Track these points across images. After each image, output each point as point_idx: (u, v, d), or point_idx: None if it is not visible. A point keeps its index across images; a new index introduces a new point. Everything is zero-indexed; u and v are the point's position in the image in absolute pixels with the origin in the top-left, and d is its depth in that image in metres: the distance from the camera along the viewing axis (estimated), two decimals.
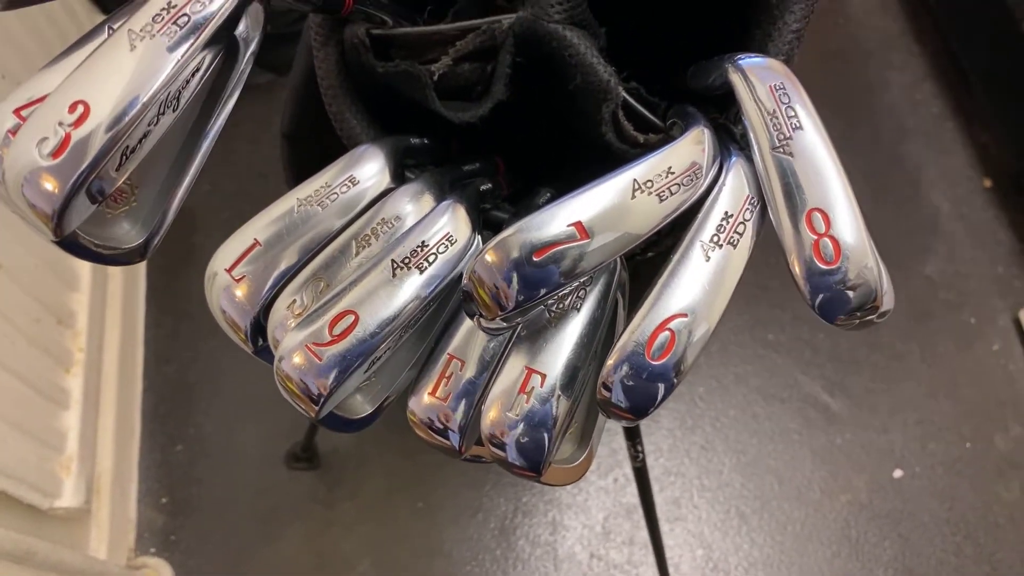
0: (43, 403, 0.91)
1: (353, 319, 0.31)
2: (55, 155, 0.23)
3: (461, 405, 0.34)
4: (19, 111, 0.25)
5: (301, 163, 0.54)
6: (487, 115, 0.37)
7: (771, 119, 0.28)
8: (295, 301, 0.34)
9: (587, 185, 0.28)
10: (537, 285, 0.27)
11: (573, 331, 0.32)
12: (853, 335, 1.13)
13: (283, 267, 0.33)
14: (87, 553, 0.94)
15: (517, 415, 0.31)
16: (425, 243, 0.32)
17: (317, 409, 0.31)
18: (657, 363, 0.28)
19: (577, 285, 0.32)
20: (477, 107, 0.38)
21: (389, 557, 1.04)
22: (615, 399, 0.29)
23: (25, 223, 0.24)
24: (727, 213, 0.29)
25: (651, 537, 0.84)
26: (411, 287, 0.32)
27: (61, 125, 0.23)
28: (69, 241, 0.25)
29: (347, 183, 0.34)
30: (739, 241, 0.28)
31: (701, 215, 0.29)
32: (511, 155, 0.44)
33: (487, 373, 0.34)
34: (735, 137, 0.32)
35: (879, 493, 1.05)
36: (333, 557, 1.04)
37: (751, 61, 0.30)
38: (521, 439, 0.31)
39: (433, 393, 0.34)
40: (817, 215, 0.27)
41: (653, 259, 0.40)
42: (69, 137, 0.23)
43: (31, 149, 0.23)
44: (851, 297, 0.27)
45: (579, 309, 0.32)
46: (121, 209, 0.27)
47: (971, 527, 1.03)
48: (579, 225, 0.27)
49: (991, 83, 1.25)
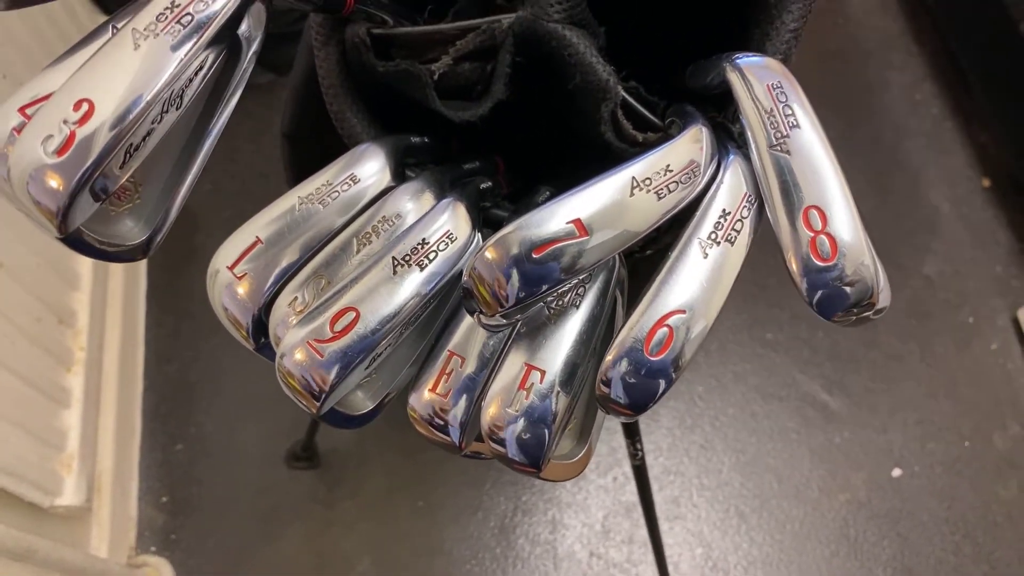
0: (44, 402, 0.92)
1: (354, 316, 0.31)
2: (60, 153, 0.23)
3: (461, 401, 0.34)
4: (24, 109, 0.25)
5: (302, 163, 0.54)
6: (487, 114, 0.38)
7: (768, 117, 0.28)
8: (297, 298, 0.34)
9: (586, 183, 0.28)
10: (537, 282, 0.28)
11: (572, 328, 0.32)
12: (852, 334, 1.14)
13: (284, 264, 0.33)
14: (88, 551, 0.95)
15: (517, 411, 0.31)
16: (426, 240, 0.33)
17: (318, 405, 0.32)
18: (655, 359, 0.28)
19: (576, 282, 0.32)
20: (477, 106, 0.38)
21: (389, 556, 1.04)
22: (614, 395, 0.29)
23: (30, 220, 0.25)
24: (725, 211, 0.29)
25: (650, 536, 0.84)
26: (412, 284, 0.32)
27: (66, 123, 0.23)
28: (73, 238, 0.25)
29: (348, 181, 0.34)
30: (737, 238, 0.29)
31: (699, 212, 0.29)
32: (511, 154, 0.44)
33: (487, 369, 0.34)
34: (733, 136, 0.32)
35: (878, 492, 1.05)
36: (333, 556, 1.04)
37: (749, 60, 0.30)
38: (521, 435, 0.31)
39: (433, 389, 0.34)
40: (814, 212, 0.27)
41: (652, 257, 0.41)
42: (74, 135, 0.23)
43: (36, 147, 0.23)
44: (848, 294, 0.27)
45: (578, 306, 0.33)
46: (125, 206, 0.28)
47: (970, 526, 1.03)
48: (578, 222, 0.27)
49: (990, 83, 1.25)
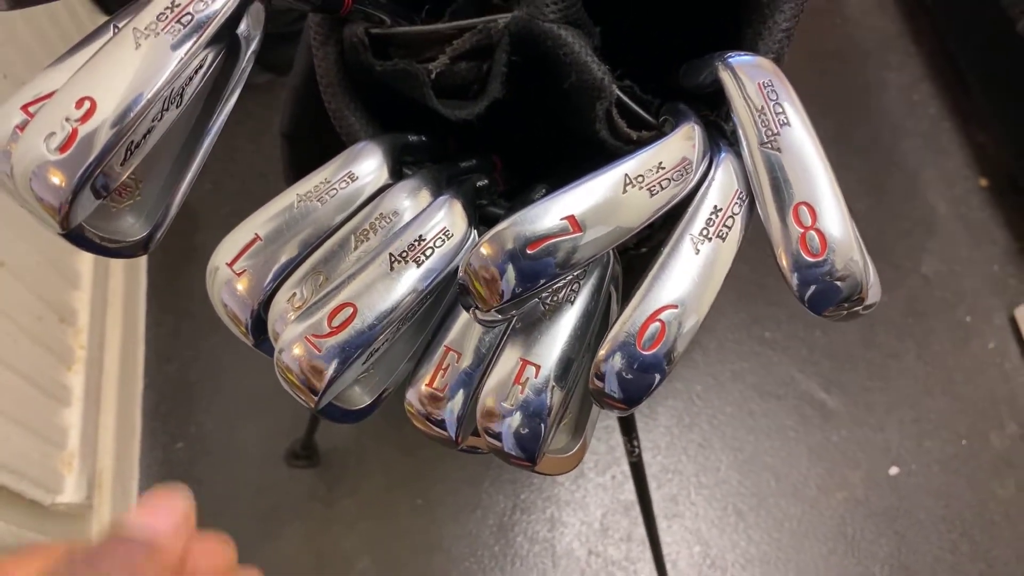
0: (45, 400, 0.92)
1: (352, 311, 0.32)
2: (62, 150, 0.23)
3: (457, 396, 0.34)
4: (27, 107, 0.25)
5: (301, 162, 0.55)
6: (483, 113, 0.38)
7: (759, 116, 0.29)
8: (295, 294, 0.35)
9: (580, 180, 0.29)
10: (531, 277, 0.28)
11: (567, 323, 0.33)
12: (850, 333, 1.14)
13: (283, 261, 0.34)
14: None
15: (512, 405, 0.32)
16: (422, 237, 0.33)
17: (316, 399, 0.32)
18: (648, 353, 0.28)
19: (571, 278, 0.33)
20: (474, 105, 0.38)
21: (389, 554, 1.05)
22: (608, 389, 0.30)
23: (33, 216, 0.25)
24: (716, 207, 0.29)
25: (648, 533, 0.84)
26: (408, 280, 0.32)
27: (68, 121, 0.24)
28: (75, 234, 0.26)
29: (346, 179, 0.35)
30: (728, 235, 0.29)
31: (691, 209, 0.30)
32: (508, 152, 0.45)
33: (483, 364, 0.34)
34: (725, 134, 0.32)
35: (875, 490, 1.06)
36: (333, 554, 1.04)
37: (741, 59, 0.31)
38: (516, 429, 0.32)
39: (430, 384, 0.35)
40: (804, 209, 0.28)
41: (646, 254, 0.41)
42: (76, 132, 0.24)
43: (39, 144, 0.23)
44: (837, 289, 0.28)
45: (573, 302, 0.33)
46: (126, 203, 0.28)
47: (967, 524, 1.04)
48: (572, 219, 0.28)
49: (988, 83, 1.26)
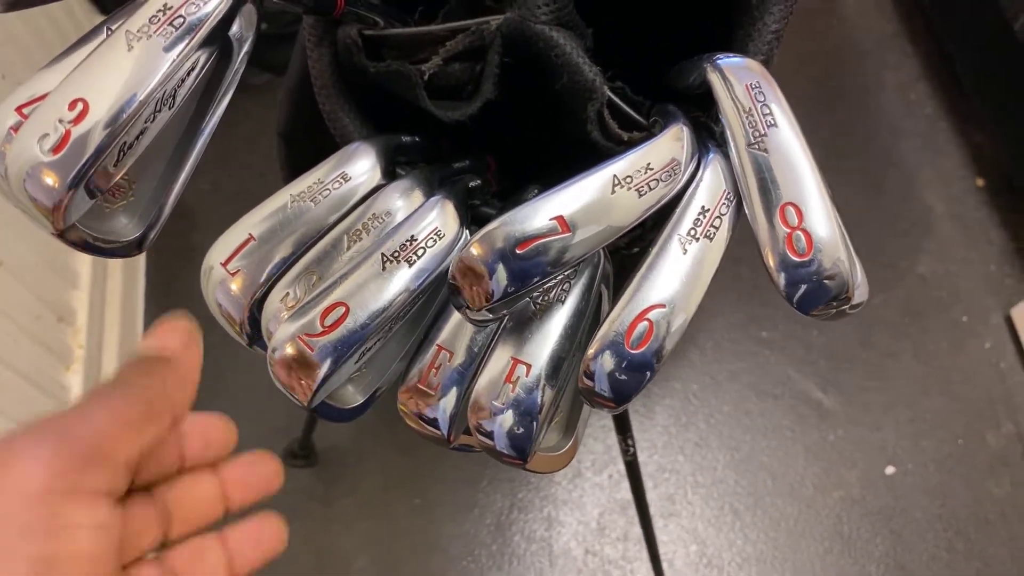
0: (43, 399, 0.92)
1: (344, 311, 0.32)
2: (55, 151, 0.24)
3: (449, 395, 0.35)
4: (21, 108, 0.26)
5: (296, 162, 0.55)
6: (476, 114, 0.38)
7: (747, 117, 0.29)
8: (288, 294, 0.35)
9: (569, 180, 0.29)
10: (521, 277, 0.28)
11: (558, 322, 0.33)
12: (846, 333, 1.14)
13: (276, 261, 0.34)
14: None
15: (503, 403, 0.32)
16: (414, 237, 0.33)
17: (309, 398, 0.32)
18: (636, 352, 0.29)
19: (561, 278, 0.33)
20: (467, 106, 0.39)
21: (387, 553, 1.05)
22: (597, 388, 0.30)
23: (27, 217, 0.25)
24: (704, 208, 0.30)
25: (644, 532, 0.85)
26: (400, 280, 0.33)
27: (61, 122, 0.24)
28: (68, 234, 0.26)
29: (339, 179, 0.35)
30: (715, 235, 0.29)
31: (679, 209, 0.30)
32: (501, 153, 0.45)
33: (475, 363, 0.35)
34: (714, 135, 0.33)
35: (871, 489, 1.06)
36: (331, 554, 1.05)
37: (729, 61, 0.31)
38: (507, 427, 0.32)
39: (423, 383, 0.35)
40: (790, 209, 0.28)
41: (639, 254, 0.41)
42: (69, 134, 0.24)
43: (32, 145, 0.24)
44: (824, 288, 0.28)
45: (564, 301, 0.33)
46: (119, 203, 0.28)
47: (962, 523, 1.04)
48: (561, 219, 0.28)
49: (985, 84, 1.26)
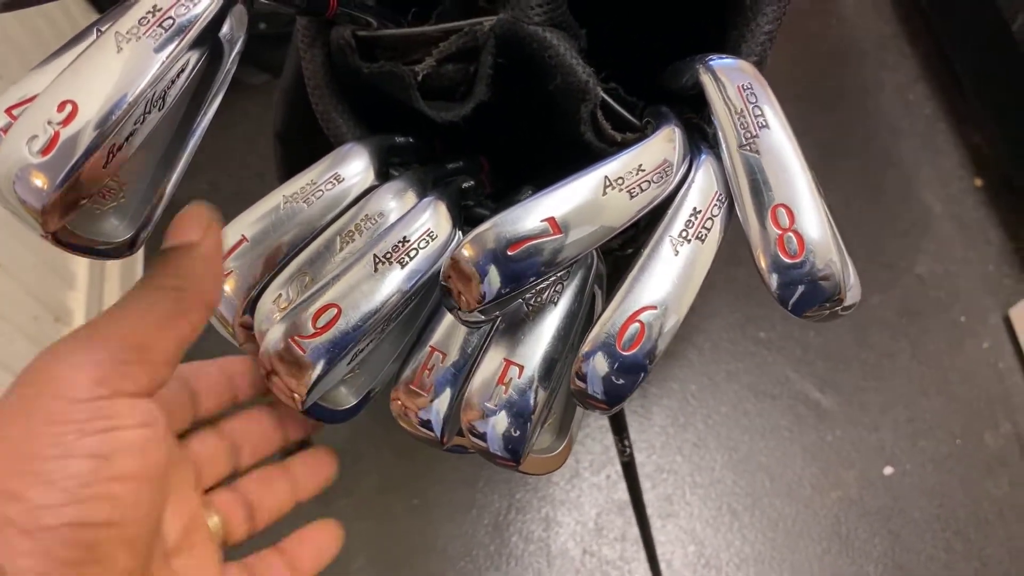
0: None
1: (336, 312, 0.32)
2: (44, 152, 0.24)
3: (442, 396, 0.35)
4: (10, 110, 0.26)
5: (292, 163, 0.55)
6: (469, 115, 0.38)
7: (739, 118, 0.29)
8: (281, 295, 0.35)
9: (560, 182, 0.29)
10: (513, 278, 0.28)
11: (551, 324, 0.33)
12: (843, 333, 1.14)
13: (269, 262, 0.34)
14: None
15: (496, 405, 0.32)
16: (407, 238, 0.33)
17: (302, 400, 0.32)
18: (628, 354, 0.29)
19: (554, 279, 0.33)
20: (460, 107, 0.39)
21: (385, 554, 1.05)
22: (590, 389, 0.30)
23: (16, 219, 0.25)
24: (696, 209, 0.30)
25: (641, 533, 0.85)
26: (393, 281, 0.33)
27: (50, 124, 0.24)
28: (58, 236, 0.26)
29: (332, 180, 0.35)
30: (707, 236, 0.29)
31: (671, 211, 0.30)
32: (494, 154, 0.45)
33: (468, 365, 0.35)
34: (707, 136, 0.33)
35: (869, 490, 1.06)
36: None
37: (721, 62, 0.31)
38: (500, 429, 0.32)
39: (415, 384, 0.35)
40: (782, 211, 0.28)
41: (632, 255, 0.41)
42: (58, 135, 0.24)
43: (21, 147, 0.24)
44: (816, 290, 0.28)
45: (556, 302, 0.33)
46: (110, 205, 0.28)
47: (961, 523, 1.04)
48: (552, 221, 0.28)
49: (983, 84, 1.26)
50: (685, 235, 0.29)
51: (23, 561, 0.20)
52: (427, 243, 0.34)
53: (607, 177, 0.29)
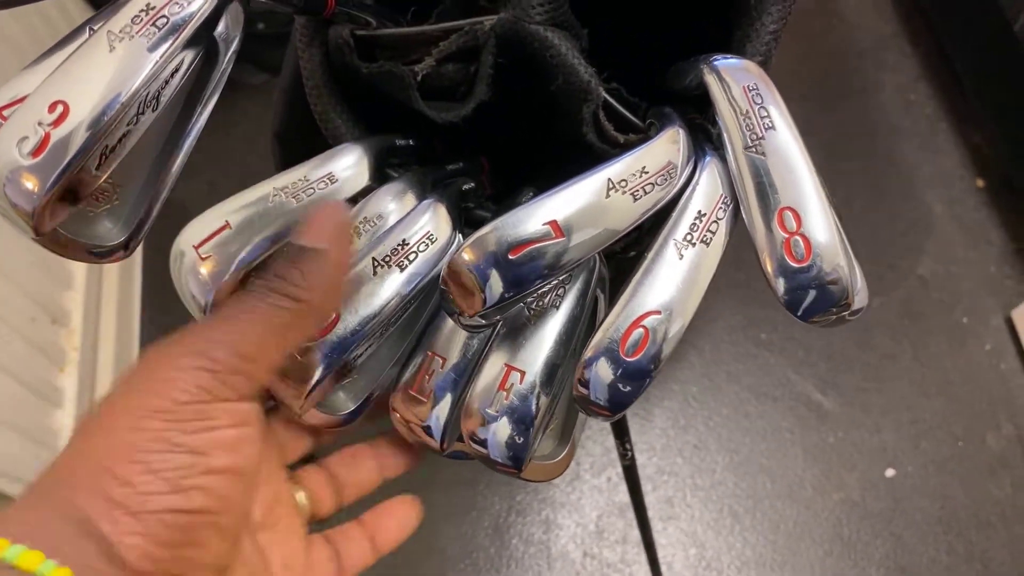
0: (36, 401, 0.92)
1: (334, 316, 0.31)
2: (35, 154, 0.23)
3: (442, 402, 0.34)
4: (1, 111, 0.25)
5: (290, 163, 0.54)
6: (470, 115, 0.38)
7: (744, 119, 0.29)
8: None
9: (563, 184, 0.29)
10: (514, 282, 0.28)
11: (552, 328, 0.32)
12: (846, 335, 1.14)
13: (247, 252, 0.32)
14: None
15: (497, 411, 0.32)
16: (406, 241, 0.33)
17: (300, 404, 0.32)
18: (631, 359, 0.28)
19: (556, 283, 0.33)
20: (460, 107, 0.38)
21: (385, 556, 1.04)
22: (592, 396, 0.29)
23: (7, 221, 0.25)
24: (700, 212, 0.29)
25: (642, 536, 0.84)
26: (392, 285, 0.32)
27: (41, 125, 0.23)
28: (50, 239, 0.25)
29: (326, 180, 0.34)
30: (712, 240, 0.29)
31: (675, 214, 0.29)
32: (494, 155, 0.44)
33: (468, 370, 0.34)
34: (711, 137, 0.32)
35: (871, 492, 1.05)
36: None
37: (726, 62, 0.30)
38: (501, 435, 0.32)
39: (415, 390, 0.35)
40: (788, 214, 0.27)
41: (635, 258, 0.41)
42: (49, 136, 0.23)
43: (11, 148, 0.23)
44: (823, 294, 0.27)
45: (558, 307, 0.33)
46: (103, 207, 0.28)
47: (963, 526, 1.03)
48: (554, 224, 0.28)
49: (984, 84, 1.25)
50: (690, 239, 0.29)
51: (131, 539, 0.23)
52: (427, 246, 0.33)
53: (610, 179, 0.28)
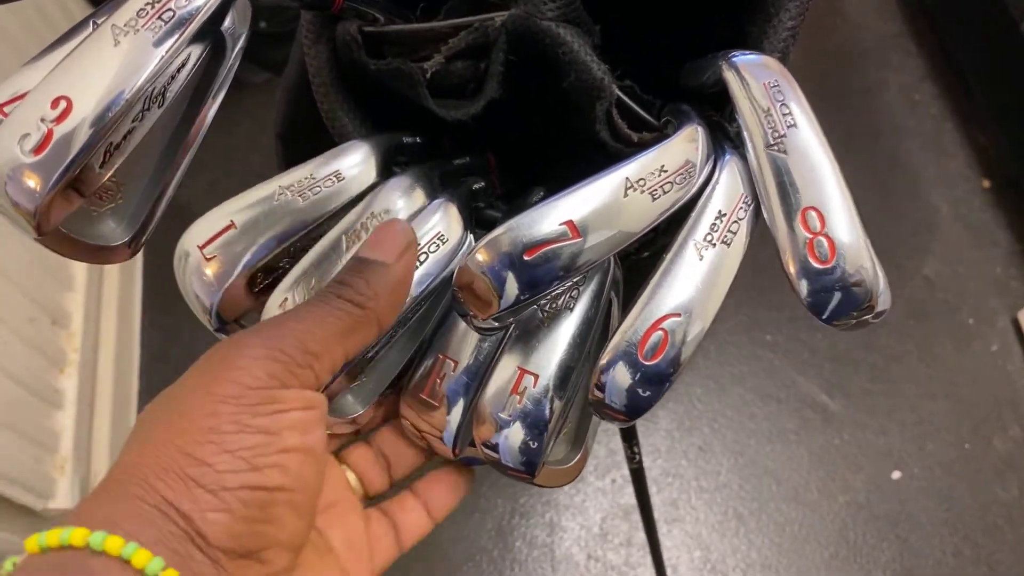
0: (37, 403, 0.91)
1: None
2: (37, 151, 0.22)
3: (454, 406, 0.33)
4: (2, 107, 0.24)
5: (293, 163, 0.53)
6: (480, 113, 0.37)
7: (765, 117, 0.28)
8: (287, 299, 0.33)
9: (579, 183, 0.28)
10: (529, 284, 0.27)
11: (566, 331, 0.32)
12: (851, 336, 1.13)
13: (253, 253, 0.32)
14: None
15: (510, 416, 0.31)
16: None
17: None
18: (650, 363, 0.27)
19: (570, 284, 0.32)
20: (470, 105, 0.37)
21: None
22: (608, 400, 0.29)
23: (8, 220, 0.24)
24: (721, 212, 0.28)
25: (648, 539, 0.83)
26: None
27: (43, 121, 0.22)
28: (52, 238, 0.24)
29: (332, 178, 0.33)
30: (733, 240, 0.28)
31: (695, 214, 0.29)
32: (505, 153, 0.43)
33: (480, 373, 0.33)
34: (729, 135, 0.31)
35: (877, 494, 1.05)
36: None
37: (745, 58, 0.30)
38: (514, 440, 0.31)
39: (426, 394, 0.34)
40: (812, 214, 0.27)
41: (649, 259, 0.40)
42: (51, 133, 0.22)
43: (13, 145, 0.22)
44: (846, 296, 0.27)
45: (572, 309, 0.32)
46: (107, 206, 0.27)
47: (969, 528, 1.03)
48: (571, 224, 0.27)
49: (989, 84, 1.25)
50: (710, 239, 0.28)
51: (212, 515, 0.24)
52: (438, 247, 0.32)
53: (628, 178, 0.27)
